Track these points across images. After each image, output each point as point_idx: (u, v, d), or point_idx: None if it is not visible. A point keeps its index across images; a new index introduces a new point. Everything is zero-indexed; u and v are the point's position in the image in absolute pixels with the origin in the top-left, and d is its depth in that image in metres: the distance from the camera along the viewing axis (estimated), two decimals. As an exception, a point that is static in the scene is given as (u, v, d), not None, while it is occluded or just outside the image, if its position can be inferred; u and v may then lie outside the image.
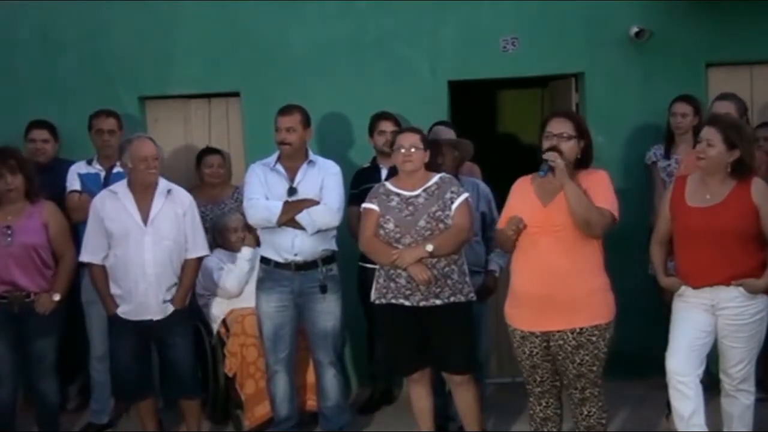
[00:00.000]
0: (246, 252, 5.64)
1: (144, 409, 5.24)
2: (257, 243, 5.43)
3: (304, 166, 5.17)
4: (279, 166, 5.18)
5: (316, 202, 5.07)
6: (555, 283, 4.25)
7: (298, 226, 5.05)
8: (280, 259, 5.13)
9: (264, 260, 5.23)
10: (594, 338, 4.28)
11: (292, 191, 5.10)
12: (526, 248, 4.35)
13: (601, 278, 4.35)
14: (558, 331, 4.30)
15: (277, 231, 5.09)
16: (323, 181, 5.14)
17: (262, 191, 5.12)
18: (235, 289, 5.65)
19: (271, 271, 5.17)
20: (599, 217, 4.22)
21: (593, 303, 4.29)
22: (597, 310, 4.30)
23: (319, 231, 5.07)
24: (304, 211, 5.03)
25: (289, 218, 5.03)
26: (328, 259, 5.18)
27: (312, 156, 5.23)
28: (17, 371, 5.13)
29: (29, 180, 5.09)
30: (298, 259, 5.09)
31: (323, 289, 5.12)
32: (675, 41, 6.30)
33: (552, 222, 4.25)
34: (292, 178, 5.14)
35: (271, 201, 5.08)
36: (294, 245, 5.07)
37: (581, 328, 4.27)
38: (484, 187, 5.34)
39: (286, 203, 5.05)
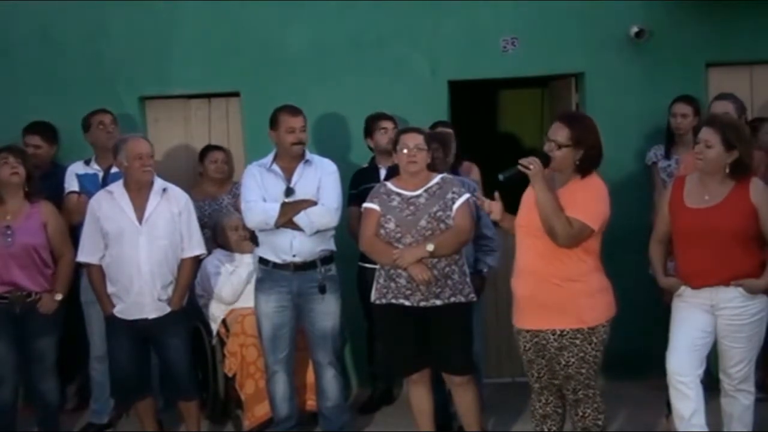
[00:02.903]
0: (247, 259, 5.64)
1: (143, 409, 5.25)
2: (256, 244, 5.42)
3: (301, 165, 5.16)
4: (275, 167, 5.16)
5: (313, 203, 5.06)
6: (536, 285, 4.24)
7: (296, 227, 5.04)
8: (278, 260, 5.12)
9: (262, 261, 5.22)
10: (577, 341, 4.21)
11: (289, 191, 5.08)
12: (519, 247, 4.35)
13: (591, 281, 4.26)
14: (541, 331, 4.28)
15: (275, 232, 5.07)
16: (321, 180, 5.12)
17: (259, 193, 5.11)
18: (230, 298, 5.64)
19: (269, 271, 5.16)
20: (564, 226, 4.11)
21: (578, 306, 4.20)
22: (580, 314, 4.21)
23: (317, 232, 5.06)
24: (302, 212, 5.02)
25: (286, 220, 5.02)
26: (326, 259, 5.17)
27: (308, 155, 5.22)
28: (18, 371, 5.14)
29: (30, 177, 5.10)
30: (297, 259, 5.08)
31: (322, 290, 5.11)
32: (675, 41, 6.30)
33: (534, 224, 4.21)
34: (288, 178, 5.13)
35: (268, 203, 5.07)
36: (292, 246, 5.07)
37: (562, 331, 4.22)
38: (468, 184, 5.19)
39: (283, 205, 5.05)
